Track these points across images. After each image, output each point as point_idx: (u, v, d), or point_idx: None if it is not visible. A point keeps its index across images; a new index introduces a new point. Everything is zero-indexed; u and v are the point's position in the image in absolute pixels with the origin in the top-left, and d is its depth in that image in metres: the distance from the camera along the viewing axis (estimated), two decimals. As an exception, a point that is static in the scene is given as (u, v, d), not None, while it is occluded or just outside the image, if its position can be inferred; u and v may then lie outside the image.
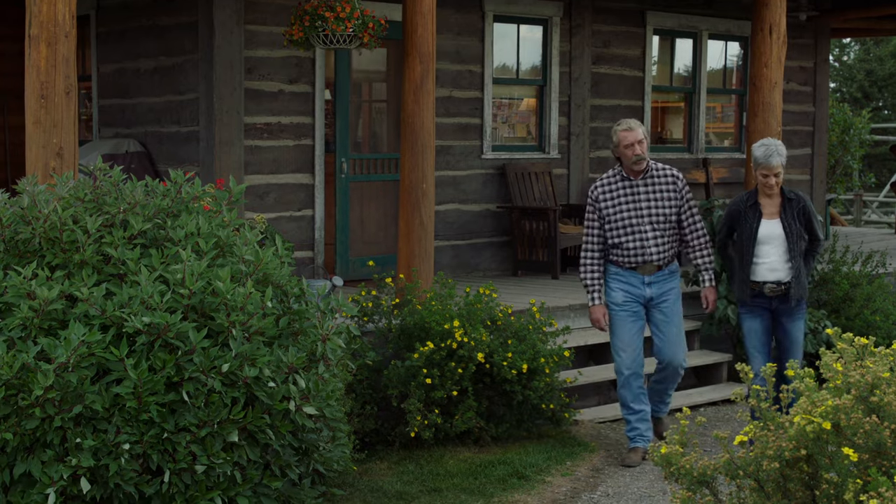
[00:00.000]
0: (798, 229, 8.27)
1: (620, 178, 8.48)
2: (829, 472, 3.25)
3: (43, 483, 5.35)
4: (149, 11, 11.95)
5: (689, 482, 3.42)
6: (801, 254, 8.31)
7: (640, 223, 8.40)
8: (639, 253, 8.41)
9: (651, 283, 8.47)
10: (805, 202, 8.36)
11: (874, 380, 3.31)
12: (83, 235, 6.00)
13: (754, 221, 8.31)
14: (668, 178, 8.52)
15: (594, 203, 8.53)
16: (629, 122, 8.45)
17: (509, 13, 13.35)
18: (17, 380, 5.34)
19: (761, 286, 8.32)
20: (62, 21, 7.45)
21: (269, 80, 11.45)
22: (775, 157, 8.20)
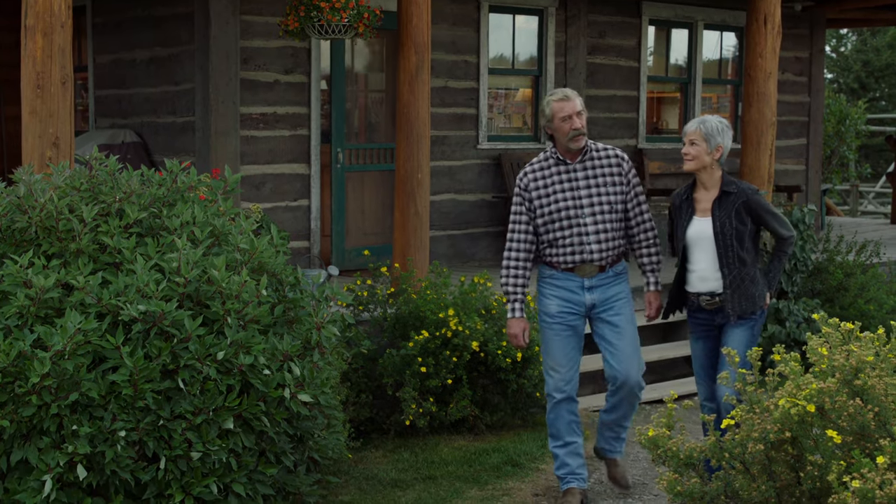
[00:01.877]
0: (734, 229, 6.80)
1: (555, 161, 7.05)
2: (814, 454, 3.29)
3: (40, 470, 5.38)
4: (145, 2, 11.98)
5: (675, 465, 3.46)
6: (743, 260, 6.83)
7: (578, 215, 6.96)
8: (577, 251, 6.97)
9: (592, 287, 7.03)
10: (749, 195, 6.86)
11: (858, 363, 3.35)
12: (79, 224, 6.03)
13: (686, 219, 6.98)
14: (612, 160, 7.06)
15: (522, 192, 7.08)
16: (565, 90, 7.07)
17: (505, 3, 13.39)
18: (14, 367, 5.37)
19: (696, 298, 7.00)
20: (58, 11, 7.48)
21: (265, 71, 11.48)
22: (695, 124, 6.90)
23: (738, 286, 6.83)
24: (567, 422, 7.12)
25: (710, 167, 6.89)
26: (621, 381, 7.06)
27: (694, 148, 6.85)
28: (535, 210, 7.02)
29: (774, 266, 7.08)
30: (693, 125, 6.89)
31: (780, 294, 11.02)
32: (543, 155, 7.15)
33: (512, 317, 7.09)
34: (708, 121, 6.87)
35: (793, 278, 10.94)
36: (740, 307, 6.85)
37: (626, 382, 7.07)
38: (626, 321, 7.08)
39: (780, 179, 16.00)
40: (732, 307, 6.84)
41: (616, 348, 7.06)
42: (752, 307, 6.89)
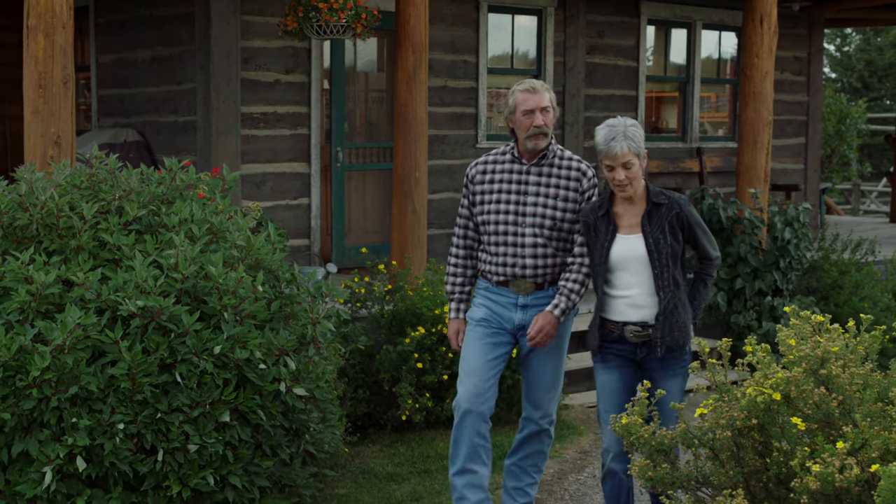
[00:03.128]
0: (670, 247, 5.85)
1: (511, 158, 6.28)
2: (781, 441, 3.41)
3: (40, 462, 5.49)
4: (147, 2, 12.09)
5: (648, 451, 3.58)
6: (677, 282, 5.92)
7: (518, 222, 6.18)
8: (509, 263, 6.22)
9: (526, 306, 6.26)
10: (682, 207, 5.90)
11: (824, 354, 3.47)
12: (79, 222, 6.14)
13: (606, 237, 5.91)
14: (573, 172, 6.22)
15: (468, 184, 6.37)
16: (534, 81, 6.24)
17: (503, 3, 13.49)
18: (15, 361, 5.48)
19: (621, 328, 5.93)
20: (59, 12, 7.59)
21: (266, 71, 11.59)
22: (620, 142, 5.73)
23: (672, 313, 5.86)
24: (472, 445, 6.19)
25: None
26: (527, 412, 6.44)
27: (630, 170, 5.77)
28: (475, 205, 6.32)
29: (700, 291, 6.09)
30: (618, 144, 5.72)
31: (775, 291, 11.13)
32: (501, 149, 6.40)
33: (451, 316, 6.51)
34: (630, 132, 5.79)
35: (788, 276, 11.06)
36: (671, 338, 5.86)
37: (531, 416, 6.41)
38: (552, 347, 6.32)
39: (779, 178, 16.11)
40: (663, 337, 5.85)
41: (532, 373, 6.41)
42: (682, 338, 5.89)
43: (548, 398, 6.43)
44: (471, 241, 6.44)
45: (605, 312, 5.99)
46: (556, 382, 6.46)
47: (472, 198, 6.33)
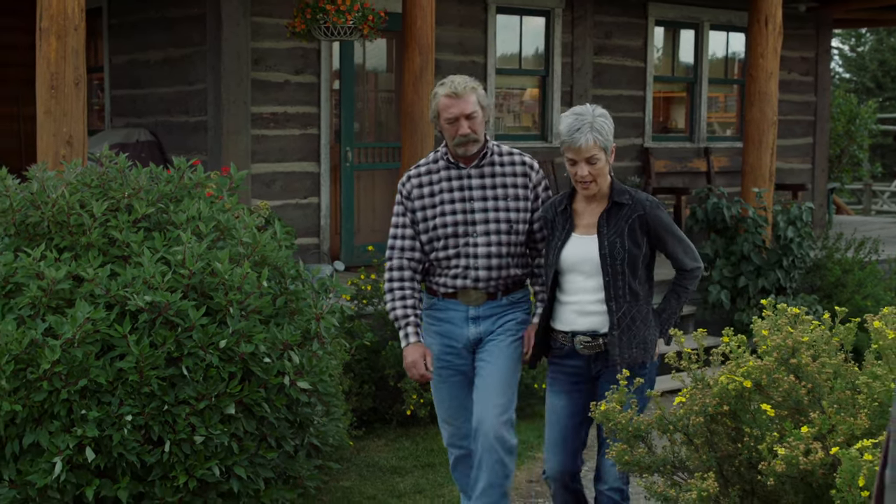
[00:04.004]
0: (627, 252, 5.20)
1: (445, 164, 5.73)
2: (752, 426, 3.55)
3: (50, 452, 5.61)
4: (158, 4, 12.26)
5: (625, 436, 3.73)
6: (635, 293, 5.26)
7: (468, 232, 5.67)
8: (461, 274, 5.68)
9: (479, 318, 5.72)
10: (647, 209, 5.26)
11: (795, 344, 3.61)
12: (90, 219, 6.27)
13: (561, 236, 5.36)
14: (517, 168, 5.69)
15: (404, 201, 5.82)
16: (458, 83, 5.57)
17: (511, 4, 13.64)
18: (26, 355, 5.61)
19: (570, 339, 5.34)
20: (71, 14, 7.75)
21: (276, 71, 11.75)
22: (585, 133, 5.09)
23: (629, 327, 5.19)
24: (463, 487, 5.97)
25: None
26: (475, 424, 5.69)
27: (595, 166, 5.15)
28: (418, 223, 5.77)
29: (671, 305, 5.43)
30: (583, 136, 5.08)
31: (778, 290, 11.25)
32: (433, 155, 5.84)
33: (406, 344, 5.74)
34: (598, 123, 5.16)
35: (791, 274, 11.18)
36: (629, 354, 5.16)
37: (480, 427, 5.63)
38: (503, 355, 5.69)
39: (786, 178, 16.22)
40: (620, 353, 5.16)
41: (478, 385, 5.73)
42: (642, 355, 5.18)
43: (493, 408, 5.65)
44: (415, 263, 5.81)
45: (553, 320, 5.39)
46: (506, 391, 5.68)
47: (413, 216, 5.77)
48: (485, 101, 5.62)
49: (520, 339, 5.72)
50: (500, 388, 5.61)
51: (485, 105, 5.63)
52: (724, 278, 11.21)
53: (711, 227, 11.51)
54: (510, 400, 5.65)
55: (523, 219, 5.64)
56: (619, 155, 14.70)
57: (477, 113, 5.54)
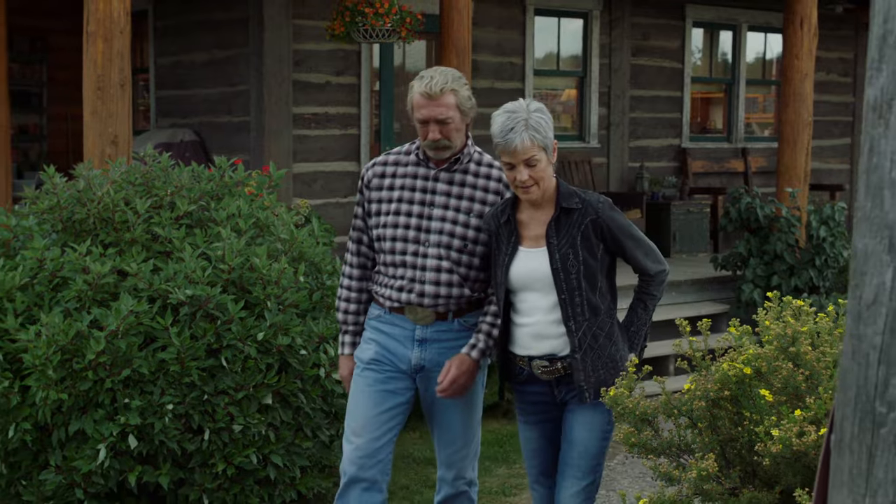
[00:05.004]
0: (583, 264, 4.56)
1: (416, 159, 5.03)
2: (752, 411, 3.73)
3: (95, 439, 5.85)
4: (203, 6, 12.51)
5: (633, 420, 3.92)
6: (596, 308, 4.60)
7: (420, 240, 4.94)
8: (406, 288, 4.95)
9: (424, 340, 4.97)
10: (601, 212, 4.59)
11: (794, 333, 3.79)
12: (133, 216, 6.49)
13: (507, 251, 4.69)
14: (492, 183, 4.94)
15: (364, 188, 5.14)
16: (435, 79, 4.80)
17: (550, 7, 13.80)
18: (73, 346, 5.83)
19: (528, 364, 4.71)
20: (117, 18, 7.98)
21: (317, 73, 11.98)
22: (520, 133, 4.46)
23: (592, 346, 4.58)
24: None
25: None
26: (441, 472, 5.19)
27: (535, 168, 4.51)
28: (370, 216, 5.10)
29: (639, 315, 4.76)
30: (518, 136, 4.45)
31: (811, 289, 11.37)
32: (408, 146, 5.14)
33: (341, 353, 5.24)
34: (534, 119, 4.52)
35: (823, 273, 11.29)
36: (596, 377, 4.57)
37: (444, 476, 5.17)
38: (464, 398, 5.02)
39: (824, 178, 16.30)
40: (586, 377, 4.57)
41: (437, 428, 5.17)
42: (612, 376, 4.54)
43: (460, 456, 5.13)
44: (366, 259, 5.17)
45: (510, 344, 4.74)
46: (468, 436, 5.13)
47: (368, 206, 5.10)
48: (466, 104, 4.85)
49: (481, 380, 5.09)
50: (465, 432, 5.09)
51: (466, 108, 4.85)
52: (757, 277, 11.34)
53: (745, 226, 11.64)
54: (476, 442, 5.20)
55: (483, 240, 4.88)
56: (656, 155, 14.85)
57: (452, 118, 4.79)
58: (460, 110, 4.82)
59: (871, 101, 1.89)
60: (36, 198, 6.71)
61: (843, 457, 1.96)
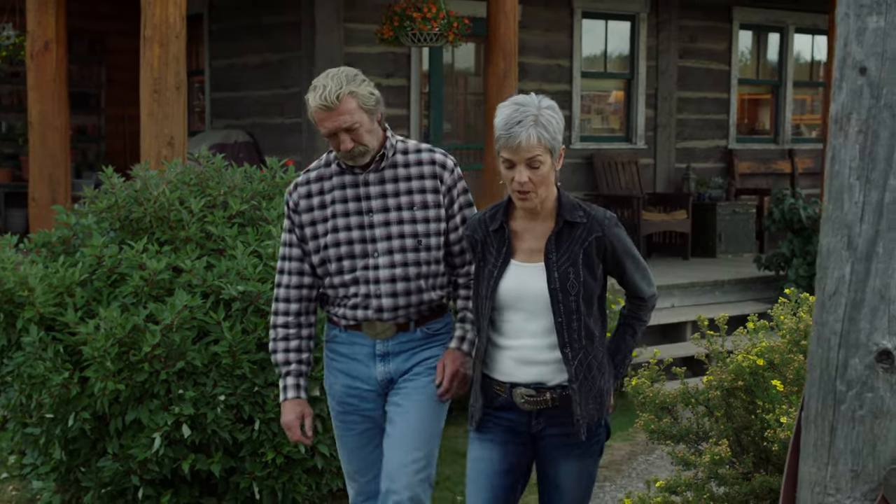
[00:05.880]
0: (583, 285, 4.07)
1: (338, 169, 4.60)
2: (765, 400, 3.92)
3: (150, 428, 6.04)
4: (257, 11, 12.78)
5: (653, 408, 4.12)
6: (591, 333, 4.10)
7: (367, 252, 4.55)
8: (361, 304, 4.57)
9: (388, 354, 4.60)
10: (606, 229, 4.10)
11: (806, 328, 3.98)
12: (188, 215, 6.67)
13: (497, 263, 4.16)
14: (425, 168, 4.55)
15: (291, 214, 4.69)
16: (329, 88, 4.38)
17: (597, 9, 13.98)
18: (129, 339, 6.02)
19: (508, 391, 4.15)
20: (173, 23, 8.24)
21: (367, 75, 12.00)
22: (527, 128, 3.94)
23: (586, 377, 4.08)
24: None
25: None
26: (383, 487, 4.53)
27: (538, 171, 3.97)
28: (307, 241, 4.65)
29: (626, 342, 4.29)
30: (525, 131, 3.94)
31: None
32: (325, 157, 4.71)
33: (283, 398, 4.74)
34: (545, 117, 3.98)
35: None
36: (587, 411, 4.09)
37: (391, 488, 4.49)
38: (420, 397, 4.55)
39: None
40: (581, 411, 4.07)
41: (389, 434, 4.59)
42: (598, 411, 4.13)
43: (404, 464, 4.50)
44: (307, 291, 4.70)
45: (488, 367, 4.20)
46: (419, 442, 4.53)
47: (301, 232, 4.65)
48: (370, 102, 4.43)
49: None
50: (416, 438, 4.50)
51: (370, 106, 4.43)
52: (799, 277, 11.47)
53: (788, 227, 11.77)
54: (429, 454, 4.55)
55: (435, 230, 4.54)
56: (703, 156, 14.99)
57: (359, 122, 4.39)
58: (365, 111, 4.40)
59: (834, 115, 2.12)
60: (95, 197, 6.90)
61: (809, 431, 2.19)
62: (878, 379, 2.09)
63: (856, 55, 2.14)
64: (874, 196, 2.08)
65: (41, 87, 9.82)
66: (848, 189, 2.11)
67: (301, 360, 4.71)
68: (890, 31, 2.09)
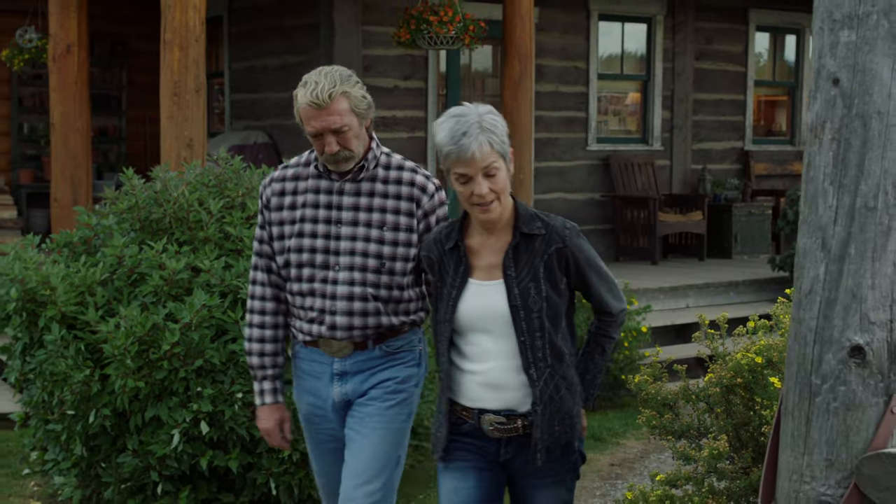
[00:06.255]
0: (545, 300, 3.80)
1: (315, 171, 4.36)
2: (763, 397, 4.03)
3: (169, 425, 6.13)
4: (276, 13, 12.92)
5: (655, 405, 4.23)
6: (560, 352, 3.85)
7: (329, 262, 4.28)
8: (316, 318, 4.31)
9: (345, 374, 4.32)
10: (568, 239, 3.82)
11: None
12: (207, 216, 6.74)
13: (455, 283, 3.90)
14: (403, 188, 4.30)
15: (264, 210, 4.45)
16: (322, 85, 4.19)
17: (614, 12, 14.08)
18: (149, 337, 6.10)
19: (476, 417, 3.90)
20: (192, 27, 8.37)
21: (385, 77, 12.34)
22: (475, 136, 3.70)
23: (552, 399, 3.83)
24: None
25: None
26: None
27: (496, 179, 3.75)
28: (274, 240, 4.41)
29: (595, 362, 4.01)
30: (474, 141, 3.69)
31: None
32: (306, 156, 4.48)
33: (260, 403, 4.52)
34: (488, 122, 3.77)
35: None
36: (550, 434, 3.85)
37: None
38: (378, 423, 4.29)
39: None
40: (542, 435, 3.83)
41: (347, 466, 4.33)
42: (567, 434, 3.88)
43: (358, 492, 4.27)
44: (278, 290, 4.46)
45: (454, 393, 3.96)
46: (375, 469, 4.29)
47: (270, 229, 4.42)
48: (362, 105, 4.23)
49: (401, 402, 4.34)
50: (372, 467, 4.27)
51: (362, 110, 4.23)
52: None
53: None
54: (387, 483, 4.31)
55: (402, 255, 4.26)
56: (719, 157, 15.08)
57: (348, 126, 4.17)
58: (356, 114, 4.18)
59: (809, 123, 2.25)
60: (115, 198, 6.99)
61: (787, 422, 2.32)
62: (851, 373, 2.24)
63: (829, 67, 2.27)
64: (846, 200, 2.23)
65: (63, 89, 9.97)
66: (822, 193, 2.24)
67: (277, 364, 4.46)
68: (861, 45, 2.22)
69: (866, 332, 2.20)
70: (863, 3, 2.20)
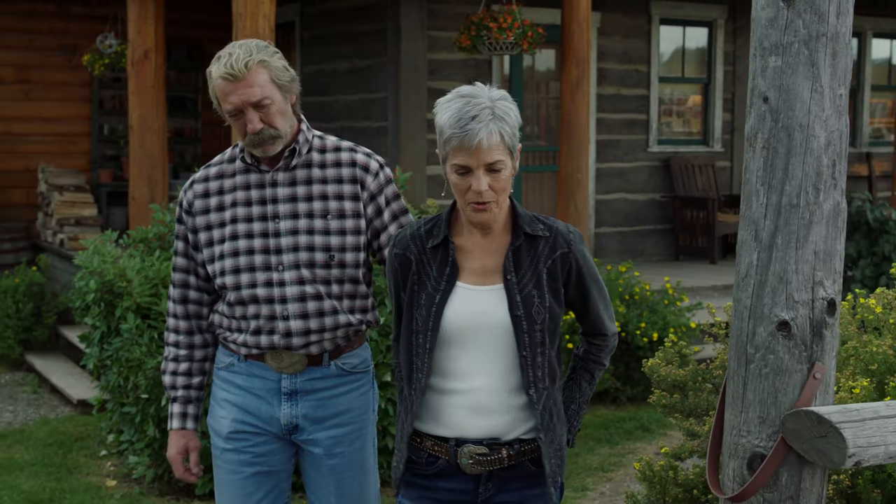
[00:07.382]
0: (548, 311, 3.29)
1: (242, 166, 3.87)
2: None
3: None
4: (345, 18, 13.38)
5: (665, 386, 4.60)
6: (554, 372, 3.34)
7: (271, 264, 3.80)
8: (265, 328, 3.81)
9: (296, 393, 3.84)
10: (572, 245, 3.35)
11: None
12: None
13: (439, 287, 3.32)
14: (344, 170, 3.89)
15: (184, 216, 3.95)
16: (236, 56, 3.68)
17: (675, 16, 14.39)
18: None
19: (451, 451, 3.30)
20: (263, 34, 8.81)
21: (450, 81, 12.73)
22: (486, 123, 3.15)
23: (549, 426, 3.32)
24: None
25: None
26: None
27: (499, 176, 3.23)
28: (200, 249, 3.92)
29: (583, 391, 3.55)
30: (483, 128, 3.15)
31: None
32: (230, 152, 3.95)
33: (170, 427, 4.03)
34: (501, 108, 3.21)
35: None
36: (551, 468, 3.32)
37: None
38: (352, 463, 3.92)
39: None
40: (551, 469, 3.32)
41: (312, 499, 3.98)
42: (558, 468, 3.36)
43: None
44: (195, 307, 3.99)
45: (423, 421, 3.36)
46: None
47: (195, 238, 3.91)
48: (284, 77, 3.78)
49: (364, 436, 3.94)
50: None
51: (285, 82, 3.78)
52: (866, 278, 11.79)
53: (856, 228, 12.10)
54: None
55: (352, 245, 3.83)
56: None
57: (270, 98, 3.70)
58: (278, 86, 3.73)
59: (746, 133, 2.69)
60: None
61: (729, 386, 2.76)
62: (779, 344, 2.69)
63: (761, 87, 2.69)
64: (774, 199, 2.66)
65: (141, 92, 10.46)
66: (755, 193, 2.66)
67: (190, 385, 3.98)
68: (785, 69, 2.65)
69: (791, 310, 2.65)
70: (786, 34, 2.62)
